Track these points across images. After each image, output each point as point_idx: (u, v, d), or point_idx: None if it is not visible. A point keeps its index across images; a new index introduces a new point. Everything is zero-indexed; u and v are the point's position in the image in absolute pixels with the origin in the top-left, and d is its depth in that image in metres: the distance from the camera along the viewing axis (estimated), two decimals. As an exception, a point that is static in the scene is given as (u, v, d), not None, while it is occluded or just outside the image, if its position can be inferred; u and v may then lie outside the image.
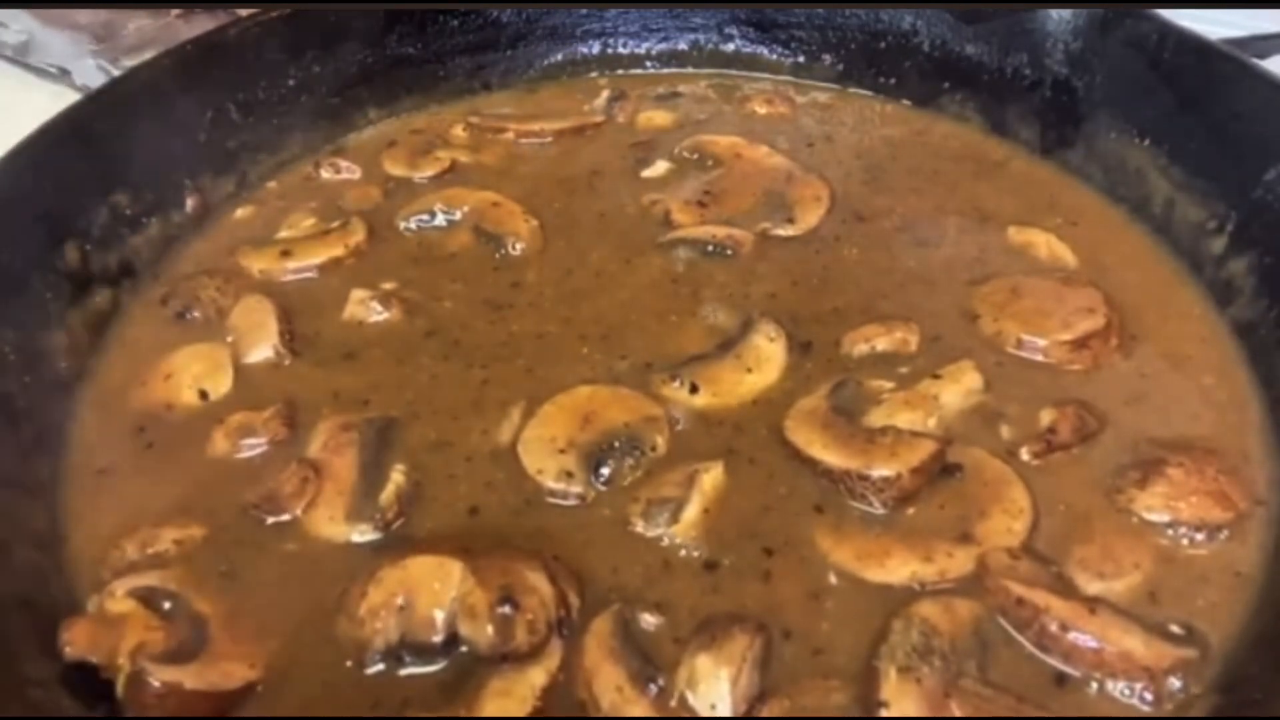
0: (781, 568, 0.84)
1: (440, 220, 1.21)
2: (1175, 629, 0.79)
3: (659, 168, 1.29)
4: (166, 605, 0.81)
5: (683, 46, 1.51)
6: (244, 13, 1.37)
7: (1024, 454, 0.92)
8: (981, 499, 0.87)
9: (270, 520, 0.88)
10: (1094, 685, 0.76)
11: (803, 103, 1.43)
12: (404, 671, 0.78)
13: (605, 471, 0.90)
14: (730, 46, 1.50)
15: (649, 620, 0.80)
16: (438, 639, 0.78)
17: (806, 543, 0.86)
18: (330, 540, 0.87)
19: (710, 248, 1.15)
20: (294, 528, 0.88)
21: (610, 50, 1.51)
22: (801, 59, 1.47)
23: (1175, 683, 0.76)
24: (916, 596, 0.80)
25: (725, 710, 0.73)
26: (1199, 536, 0.86)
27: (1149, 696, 0.75)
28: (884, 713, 0.73)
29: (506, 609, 0.76)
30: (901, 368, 1.00)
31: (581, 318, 1.08)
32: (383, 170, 1.31)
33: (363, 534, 0.87)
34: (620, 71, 1.51)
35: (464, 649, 0.78)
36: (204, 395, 1.00)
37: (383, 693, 0.77)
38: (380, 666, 0.78)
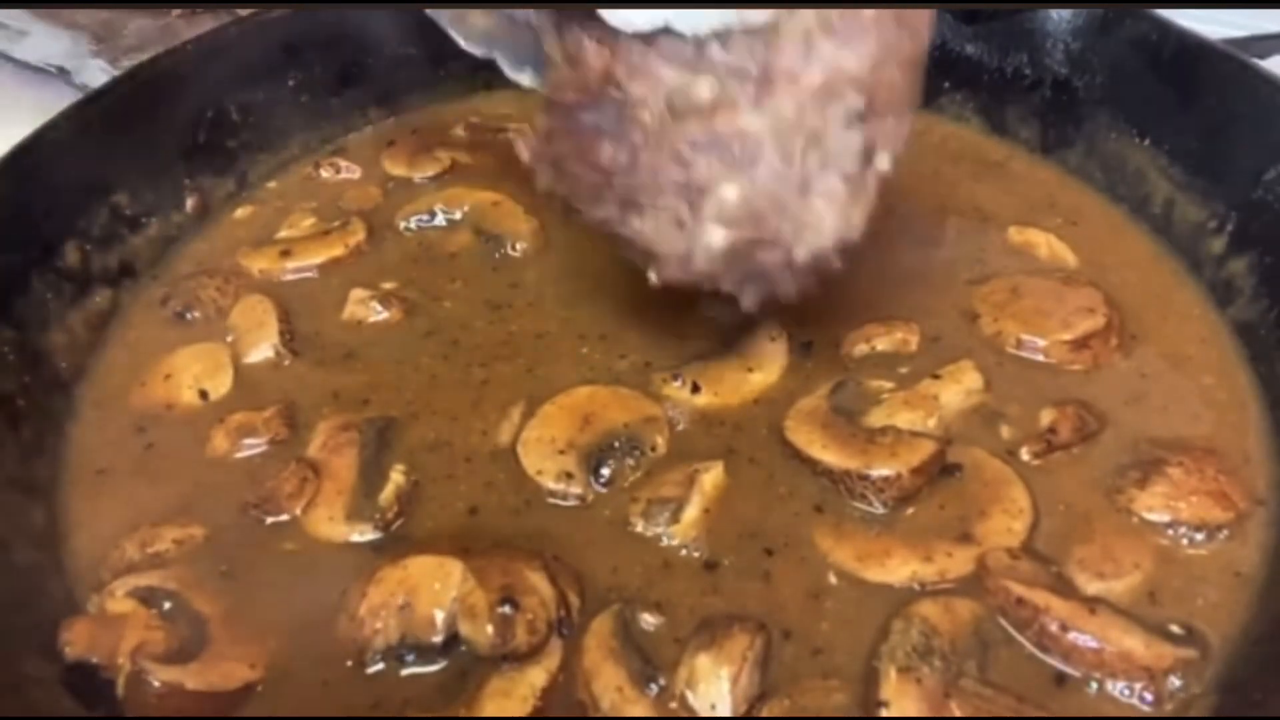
0: (781, 568, 0.84)
1: (440, 220, 1.21)
2: (1175, 629, 0.79)
3: (659, 167, 1.29)
4: (166, 605, 0.82)
5: (683, 46, 1.51)
6: (244, 13, 1.37)
7: (1024, 454, 0.92)
8: (981, 499, 0.87)
9: (270, 520, 0.88)
10: (1094, 685, 0.76)
11: (803, 103, 1.43)
12: (404, 671, 0.78)
13: (605, 472, 0.90)
14: (730, 46, 1.50)
15: (649, 620, 0.80)
16: (438, 639, 0.78)
17: (806, 543, 0.86)
18: (330, 540, 0.87)
19: (710, 248, 1.15)
20: (293, 528, 0.88)
21: (610, 50, 1.51)
22: (801, 59, 1.47)
23: (1175, 683, 0.76)
24: (916, 596, 0.81)
25: (725, 710, 0.73)
26: (1199, 536, 0.86)
27: (1149, 696, 0.75)
28: (884, 713, 0.73)
29: (506, 609, 0.76)
30: (901, 368, 1.00)
31: (581, 317, 1.07)
32: (383, 170, 1.31)
33: (362, 534, 0.87)
34: (620, 71, 1.51)
35: (464, 649, 0.78)
36: (204, 395, 1.00)
37: (383, 693, 0.77)
38: (380, 666, 0.78)
